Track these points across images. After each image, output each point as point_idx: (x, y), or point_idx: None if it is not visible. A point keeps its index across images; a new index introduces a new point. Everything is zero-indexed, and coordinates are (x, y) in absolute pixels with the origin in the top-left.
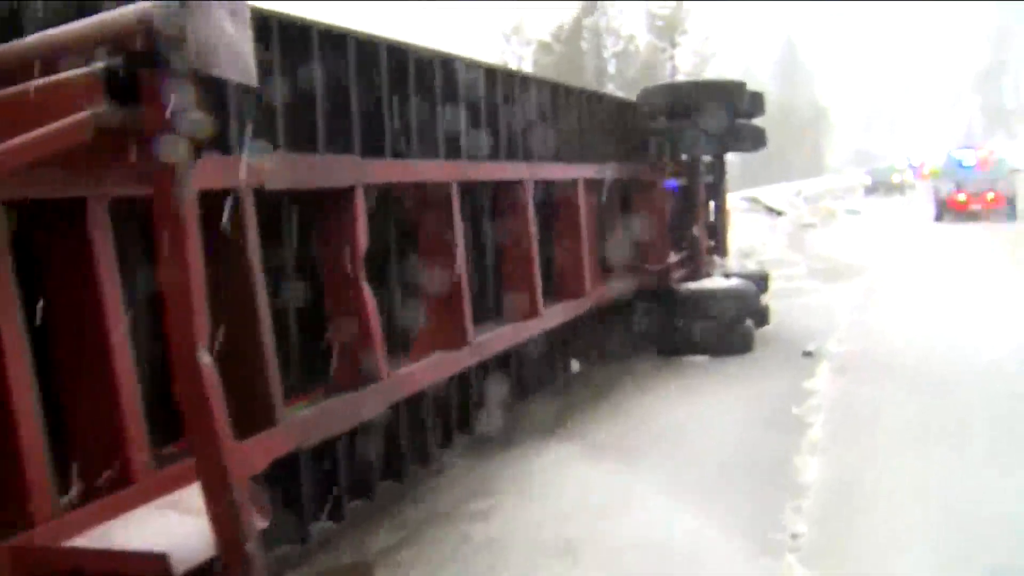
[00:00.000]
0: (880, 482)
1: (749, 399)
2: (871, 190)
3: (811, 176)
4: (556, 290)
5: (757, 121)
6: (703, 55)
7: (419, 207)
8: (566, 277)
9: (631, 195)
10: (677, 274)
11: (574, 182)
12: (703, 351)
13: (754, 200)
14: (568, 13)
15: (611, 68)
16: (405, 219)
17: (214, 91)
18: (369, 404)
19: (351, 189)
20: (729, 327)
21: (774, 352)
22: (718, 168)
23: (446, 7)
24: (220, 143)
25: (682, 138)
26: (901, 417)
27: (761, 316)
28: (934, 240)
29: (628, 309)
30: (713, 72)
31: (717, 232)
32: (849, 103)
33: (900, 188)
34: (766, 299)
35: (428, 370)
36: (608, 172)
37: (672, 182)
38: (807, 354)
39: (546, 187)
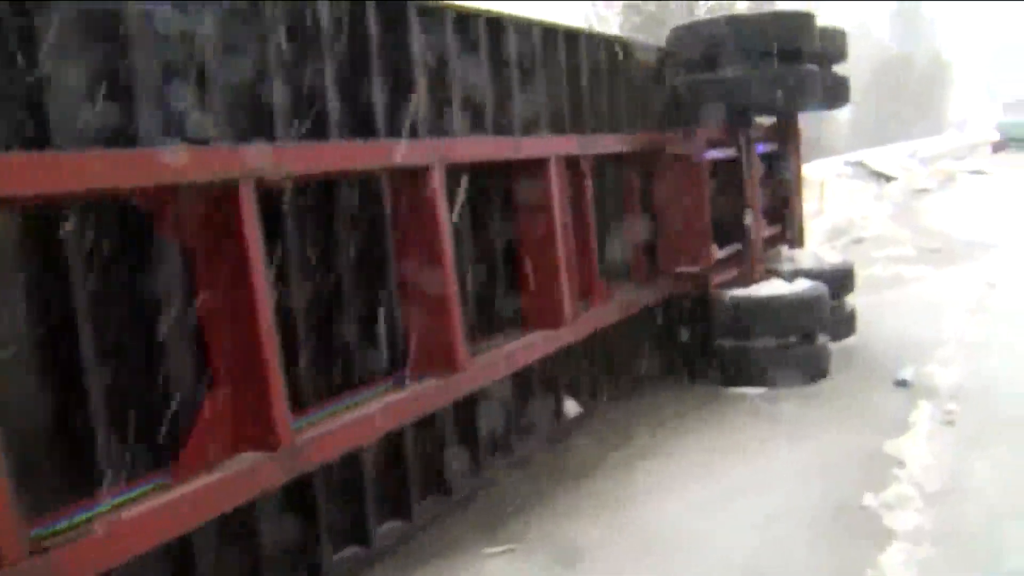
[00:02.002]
0: None
1: (803, 473)
2: (1000, 146)
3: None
4: (525, 316)
5: (839, 69)
6: (808, 7)
7: None
8: (537, 297)
9: (655, 173)
10: (722, 276)
11: (540, 162)
12: (756, 381)
13: (860, 164)
14: None
15: None
16: None
17: None
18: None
19: None
20: (791, 348)
21: (855, 378)
22: (786, 132)
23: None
24: None
25: (724, 93)
26: None
27: (842, 326)
28: None
29: (655, 322)
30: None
31: (785, 216)
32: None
33: None
34: (851, 300)
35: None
36: (600, 145)
37: (717, 152)
38: (901, 384)
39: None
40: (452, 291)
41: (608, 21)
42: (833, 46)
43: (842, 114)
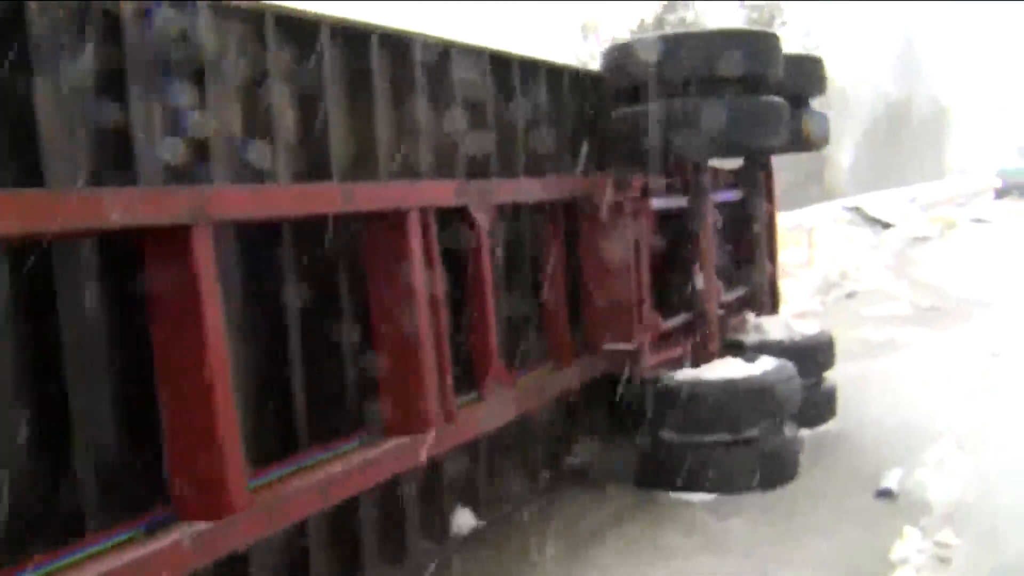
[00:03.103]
0: None
1: None
2: (1002, 193)
3: (932, 180)
4: (382, 418)
5: (816, 104)
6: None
7: None
8: (390, 393)
9: (582, 228)
10: (666, 354)
11: (397, 215)
12: (705, 485)
13: (856, 210)
14: (650, 9)
15: None
16: None
17: None
18: None
19: None
20: (749, 444)
21: (829, 483)
22: (753, 177)
23: (518, 7)
24: None
25: (658, 130)
26: None
27: (819, 409)
28: None
29: (586, 408)
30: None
31: (754, 277)
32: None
33: None
34: (831, 376)
35: None
36: (503, 193)
37: (661, 201)
38: (884, 494)
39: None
40: (221, 397)
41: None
42: (806, 77)
43: (843, 158)
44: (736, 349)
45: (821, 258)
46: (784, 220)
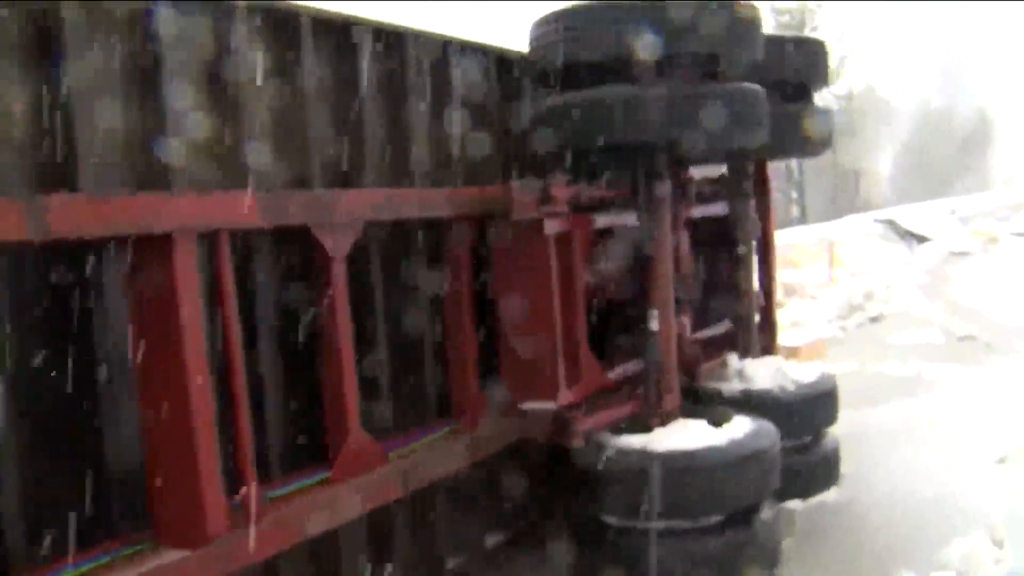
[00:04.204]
0: None
1: None
2: None
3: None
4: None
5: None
6: (839, 55)
7: None
8: (164, 488)
9: (496, 252)
10: (606, 413)
11: (161, 241)
12: None
13: (890, 223)
14: None
15: None
16: None
17: None
18: None
19: None
20: (710, 535)
21: None
22: (740, 184)
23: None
24: None
25: (600, 123)
26: None
27: (815, 475)
28: None
29: (508, 479)
30: (852, 77)
31: (739, 309)
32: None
33: None
34: (833, 433)
35: None
36: (357, 207)
37: (608, 216)
38: None
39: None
40: None
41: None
42: (807, 63)
43: (883, 168)
44: (709, 402)
45: (845, 277)
46: (808, 234)
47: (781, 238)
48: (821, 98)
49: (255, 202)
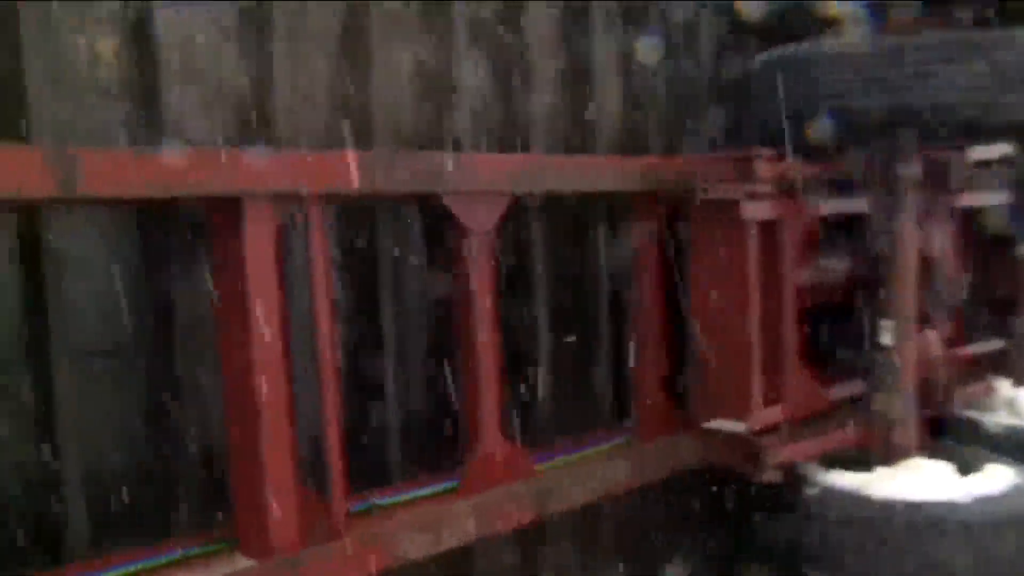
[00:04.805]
0: None
1: None
2: None
3: None
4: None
5: None
6: None
7: None
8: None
9: (691, 238)
10: (814, 442)
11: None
12: None
13: None
14: None
15: None
16: None
17: None
18: None
19: None
20: None
21: None
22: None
23: None
24: None
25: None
26: None
27: None
28: None
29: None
30: None
31: (1017, 326)
32: None
33: None
34: None
35: None
36: (468, 173)
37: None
38: None
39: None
40: None
41: None
42: None
43: None
44: (962, 437)
45: None
46: None
47: None
48: None
49: (357, 163)
